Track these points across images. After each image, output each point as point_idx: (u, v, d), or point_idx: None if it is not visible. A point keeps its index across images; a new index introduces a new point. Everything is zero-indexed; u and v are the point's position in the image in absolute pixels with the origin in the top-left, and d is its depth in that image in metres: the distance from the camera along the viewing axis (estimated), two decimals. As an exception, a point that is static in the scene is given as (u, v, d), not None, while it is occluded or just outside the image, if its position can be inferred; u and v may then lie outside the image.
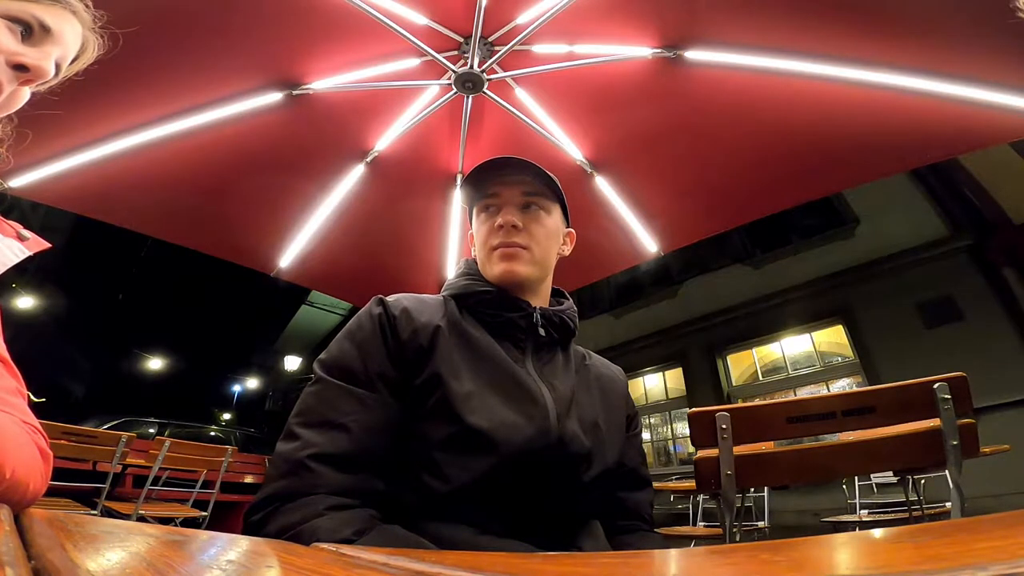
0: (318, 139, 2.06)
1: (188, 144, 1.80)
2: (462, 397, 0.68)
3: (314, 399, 0.67)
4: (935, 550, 0.19)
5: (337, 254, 2.42)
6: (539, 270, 0.83)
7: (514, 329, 0.79)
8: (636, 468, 0.86)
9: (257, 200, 2.19)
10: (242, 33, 1.62)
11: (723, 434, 1.39)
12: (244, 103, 1.77)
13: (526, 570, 0.26)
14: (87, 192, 1.85)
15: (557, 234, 0.87)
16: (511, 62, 1.86)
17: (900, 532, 0.30)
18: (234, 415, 17.37)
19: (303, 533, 0.54)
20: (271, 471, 0.63)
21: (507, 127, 2.10)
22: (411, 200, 2.38)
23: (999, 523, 0.26)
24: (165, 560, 0.28)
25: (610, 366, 0.93)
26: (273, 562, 0.31)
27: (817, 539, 0.31)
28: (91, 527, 0.37)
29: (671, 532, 3.19)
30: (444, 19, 1.79)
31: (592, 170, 2.17)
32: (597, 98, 2.00)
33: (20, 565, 0.23)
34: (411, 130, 2.07)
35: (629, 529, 0.82)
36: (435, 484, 0.64)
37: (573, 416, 0.74)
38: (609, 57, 1.80)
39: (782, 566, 0.20)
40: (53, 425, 2.68)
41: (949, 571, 0.13)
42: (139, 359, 15.58)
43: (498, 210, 0.82)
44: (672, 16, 1.68)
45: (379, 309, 0.74)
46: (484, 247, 0.83)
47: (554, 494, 0.69)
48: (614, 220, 2.29)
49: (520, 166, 0.82)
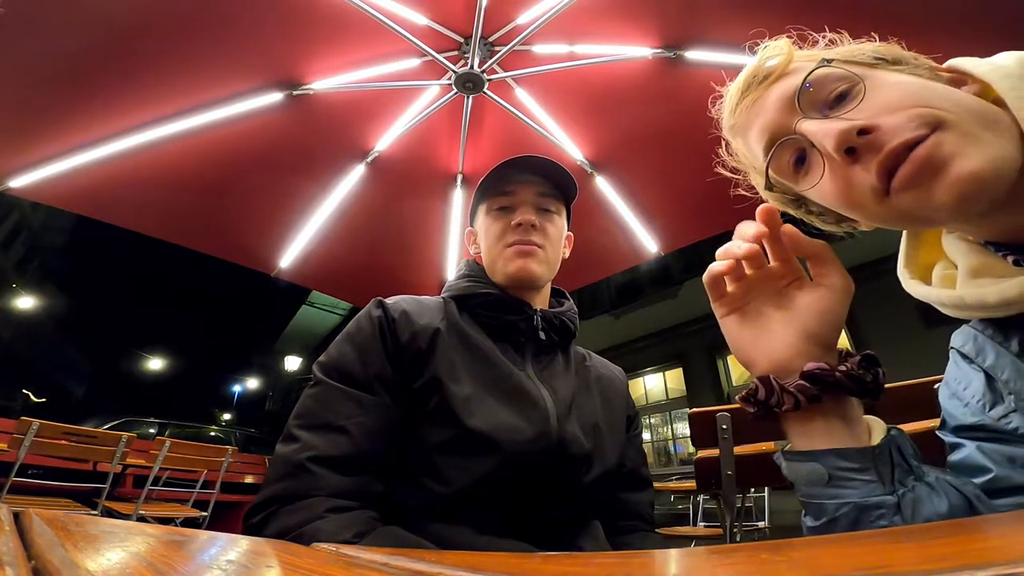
0: (318, 139, 2.06)
1: (188, 144, 1.80)
2: (462, 400, 0.68)
3: (313, 401, 0.67)
4: (935, 550, 0.19)
5: (337, 254, 2.42)
6: (549, 271, 0.84)
7: (514, 332, 0.79)
8: (636, 469, 0.86)
9: (257, 200, 2.19)
10: (243, 33, 1.62)
11: (723, 434, 1.39)
12: (245, 103, 1.77)
13: (526, 570, 0.26)
14: (87, 192, 1.85)
15: (563, 237, 0.88)
16: (511, 62, 1.86)
17: (900, 532, 0.30)
18: (234, 415, 17.39)
19: (303, 535, 0.54)
20: (271, 473, 0.63)
21: (507, 127, 2.10)
22: (411, 200, 2.38)
23: (999, 523, 0.26)
24: (165, 560, 0.28)
25: (610, 367, 0.93)
26: (273, 562, 0.31)
27: (817, 539, 0.31)
28: (91, 527, 0.37)
29: (671, 532, 3.19)
30: (444, 19, 1.79)
31: (592, 170, 2.17)
32: (597, 98, 2.00)
33: (20, 565, 0.23)
34: (411, 130, 2.07)
35: (629, 529, 0.82)
36: (435, 487, 0.64)
37: (573, 418, 0.74)
38: (609, 57, 1.80)
39: (782, 566, 0.20)
40: (53, 425, 2.69)
41: (949, 571, 0.13)
42: (139, 359, 15.60)
43: (513, 208, 0.83)
44: (672, 16, 1.68)
45: (378, 311, 0.74)
46: (498, 244, 0.82)
47: (554, 496, 0.69)
48: (614, 220, 2.29)
49: (538, 167, 0.83)
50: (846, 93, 0.42)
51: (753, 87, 0.48)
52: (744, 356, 0.45)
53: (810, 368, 0.40)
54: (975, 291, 0.42)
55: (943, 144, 0.37)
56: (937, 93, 0.40)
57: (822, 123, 0.42)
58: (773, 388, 0.41)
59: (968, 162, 0.36)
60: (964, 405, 0.45)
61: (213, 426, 9.65)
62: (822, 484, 0.39)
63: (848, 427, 0.40)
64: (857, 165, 0.41)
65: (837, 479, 0.38)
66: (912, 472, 0.38)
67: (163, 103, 1.70)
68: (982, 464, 0.41)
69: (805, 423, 0.41)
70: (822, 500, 0.39)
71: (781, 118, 0.45)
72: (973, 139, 0.37)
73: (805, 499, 0.41)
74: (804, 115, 0.44)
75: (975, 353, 0.45)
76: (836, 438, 0.40)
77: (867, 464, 0.38)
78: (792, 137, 0.45)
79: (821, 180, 0.44)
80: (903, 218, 0.42)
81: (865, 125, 0.39)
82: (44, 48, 1.43)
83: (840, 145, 0.40)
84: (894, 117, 0.39)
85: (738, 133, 0.52)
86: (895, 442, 0.39)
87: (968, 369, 0.46)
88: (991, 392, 0.43)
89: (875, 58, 0.44)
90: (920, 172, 0.37)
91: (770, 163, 0.48)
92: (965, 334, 0.47)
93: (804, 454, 0.40)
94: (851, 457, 0.38)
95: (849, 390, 0.40)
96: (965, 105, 0.39)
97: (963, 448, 0.44)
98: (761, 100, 0.47)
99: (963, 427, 0.45)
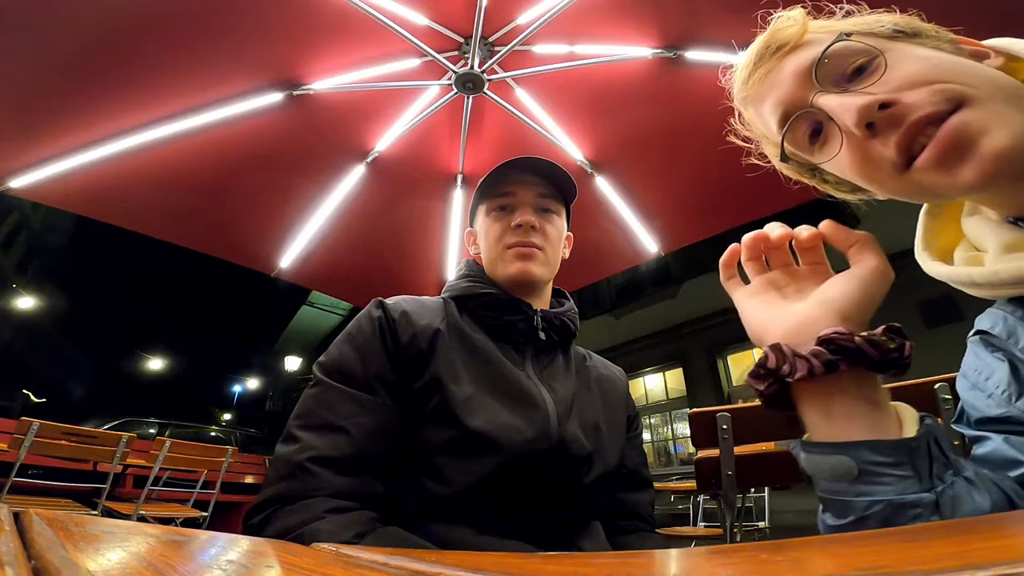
0: (318, 139, 2.06)
1: (189, 144, 1.80)
2: (462, 400, 0.68)
3: (313, 402, 0.67)
4: (935, 550, 0.19)
5: (337, 254, 2.42)
6: (549, 272, 0.84)
7: (514, 332, 0.79)
8: (637, 469, 0.86)
9: (258, 200, 2.19)
10: (243, 34, 1.62)
11: (723, 434, 1.39)
12: (245, 103, 1.77)
13: (526, 570, 0.26)
14: (87, 192, 1.85)
15: (563, 237, 0.88)
16: (511, 62, 1.86)
17: (900, 532, 0.30)
18: (234, 415, 17.38)
19: (303, 536, 0.54)
20: (271, 473, 0.63)
21: (507, 127, 2.10)
22: (411, 200, 2.38)
23: (999, 523, 0.26)
24: (165, 560, 0.28)
25: (610, 367, 0.93)
26: (273, 562, 0.31)
27: (817, 539, 0.31)
28: (91, 527, 0.37)
29: (672, 532, 3.18)
30: (444, 19, 1.79)
31: (592, 170, 2.17)
32: (597, 98, 2.00)
33: (20, 565, 0.23)
34: (411, 130, 2.07)
35: (630, 530, 0.82)
36: (436, 487, 0.64)
37: (574, 418, 0.74)
38: (609, 57, 1.80)
39: (782, 566, 0.20)
40: (53, 425, 2.69)
41: (949, 571, 0.13)
42: (139, 359, 15.61)
43: (513, 209, 0.83)
44: (672, 16, 1.68)
45: (379, 312, 0.74)
46: (498, 245, 0.82)
47: (555, 496, 0.69)
48: (614, 220, 2.29)
49: (537, 167, 0.83)
50: (865, 67, 0.41)
51: (766, 58, 0.46)
52: (756, 325, 0.42)
53: (827, 333, 0.36)
54: (1013, 265, 0.39)
55: (969, 122, 0.36)
56: (959, 67, 0.39)
57: (842, 97, 0.41)
58: (785, 355, 0.37)
59: (995, 140, 0.36)
60: (987, 396, 0.43)
61: (213, 426, 9.64)
62: (849, 479, 0.35)
63: (874, 411, 0.36)
64: (876, 139, 0.40)
65: (868, 474, 0.34)
66: (951, 466, 0.34)
67: (163, 103, 1.70)
68: (1014, 457, 0.38)
69: (823, 402, 0.37)
70: (849, 497, 0.35)
71: (797, 91, 0.44)
72: (997, 115, 0.36)
73: (827, 495, 0.37)
74: (822, 88, 0.43)
75: (1007, 334, 0.42)
76: (860, 423, 0.36)
77: (903, 458, 0.34)
78: (808, 111, 0.44)
79: (839, 154, 0.43)
80: (921, 192, 0.41)
81: (886, 99, 0.39)
82: (44, 48, 1.43)
83: (861, 120, 0.39)
84: (916, 92, 0.38)
85: (750, 104, 0.51)
86: (932, 432, 0.35)
87: (990, 359, 0.44)
88: (1016, 383, 0.41)
89: (895, 31, 0.43)
90: (947, 152, 0.37)
91: (785, 136, 0.47)
92: (994, 316, 0.44)
93: (830, 446, 0.36)
94: (885, 450, 0.34)
95: (870, 360, 0.35)
96: (989, 79, 0.38)
97: (989, 441, 0.41)
98: (775, 72, 0.46)
99: (987, 419, 0.42)
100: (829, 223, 0.41)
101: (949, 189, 0.39)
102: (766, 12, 0.49)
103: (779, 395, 0.38)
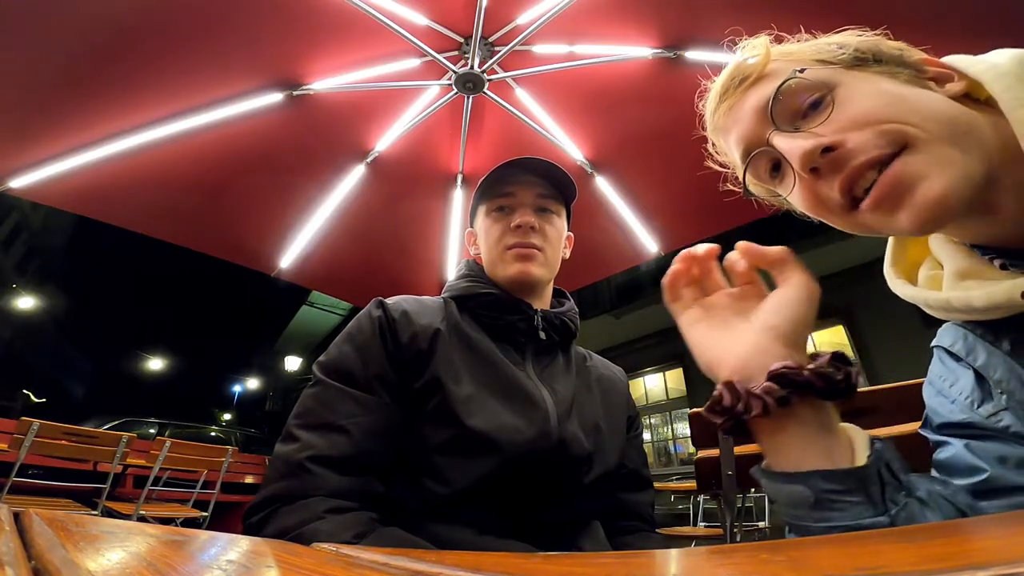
0: (319, 139, 2.06)
1: (189, 144, 1.80)
2: (462, 400, 0.68)
3: (313, 401, 0.67)
4: (935, 550, 0.19)
5: (337, 254, 2.42)
6: (549, 272, 0.84)
7: (514, 332, 0.79)
8: (637, 469, 0.86)
9: (258, 200, 2.19)
10: (243, 34, 1.62)
11: (723, 434, 1.39)
12: (245, 103, 1.77)
13: (526, 570, 0.26)
14: (87, 192, 1.85)
15: (563, 238, 0.88)
16: (511, 62, 1.86)
17: (900, 532, 0.30)
18: (234, 415, 17.39)
19: (302, 535, 0.54)
20: (270, 473, 0.63)
21: (507, 127, 2.10)
22: (411, 200, 2.38)
23: (999, 523, 0.26)
24: (165, 560, 0.28)
25: (611, 367, 0.93)
26: (273, 562, 0.31)
27: (817, 539, 0.31)
28: (91, 527, 0.37)
29: (672, 532, 3.19)
30: (444, 19, 1.79)
31: (592, 170, 2.17)
32: (597, 98, 2.00)
33: (20, 565, 0.23)
34: (411, 130, 2.07)
35: (630, 530, 0.82)
36: (436, 487, 0.64)
37: (574, 418, 0.74)
38: (609, 57, 1.80)
39: (782, 566, 0.20)
40: (54, 425, 2.69)
41: (949, 571, 0.13)
42: (139, 359, 15.61)
43: (512, 210, 0.83)
44: (672, 16, 1.68)
45: (379, 312, 0.74)
46: (497, 246, 0.82)
47: (555, 496, 0.69)
48: (614, 220, 2.29)
49: (537, 168, 0.83)
50: (819, 101, 0.42)
51: (731, 91, 0.48)
52: (707, 358, 0.43)
53: (776, 368, 0.37)
54: (962, 294, 0.41)
55: (907, 169, 0.38)
56: (910, 103, 0.40)
57: (791, 139, 0.42)
58: (739, 393, 0.38)
59: (931, 187, 0.37)
60: (951, 402, 0.44)
61: (213, 426, 9.64)
62: (807, 507, 0.36)
63: (826, 438, 0.37)
64: (822, 181, 0.42)
65: (824, 502, 0.35)
66: (903, 487, 0.36)
67: (163, 103, 1.70)
68: (973, 464, 0.40)
69: (779, 433, 0.38)
70: (809, 523, 0.36)
71: (756, 128, 0.46)
72: (939, 159, 0.37)
73: (789, 520, 0.38)
74: (776, 127, 0.44)
75: (965, 352, 0.44)
76: (814, 452, 0.37)
77: (855, 485, 0.35)
78: (765, 149, 0.45)
79: (793, 190, 0.45)
80: (870, 231, 0.43)
81: (830, 142, 0.40)
82: (44, 48, 1.43)
83: (804, 165, 0.41)
84: (860, 135, 0.39)
85: (720, 134, 0.52)
86: (883, 458, 0.36)
87: (955, 366, 0.45)
88: (980, 390, 0.42)
89: (855, 58, 0.44)
90: (885, 199, 0.39)
91: (747, 170, 0.49)
92: (954, 332, 0.46)
93: (786, 475, 0.37)
94: (838, 479, 0.35)
95: (819, 390, 0.37)
96: (936, 117, 0.39)
97: (949, 446, 0.43)
98: (738, 106, 0.47)
99: (949, 424, 0.44)
100: (742, 245, 0.43)
101: (893, 231, 0.40)
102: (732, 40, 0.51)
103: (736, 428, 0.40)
